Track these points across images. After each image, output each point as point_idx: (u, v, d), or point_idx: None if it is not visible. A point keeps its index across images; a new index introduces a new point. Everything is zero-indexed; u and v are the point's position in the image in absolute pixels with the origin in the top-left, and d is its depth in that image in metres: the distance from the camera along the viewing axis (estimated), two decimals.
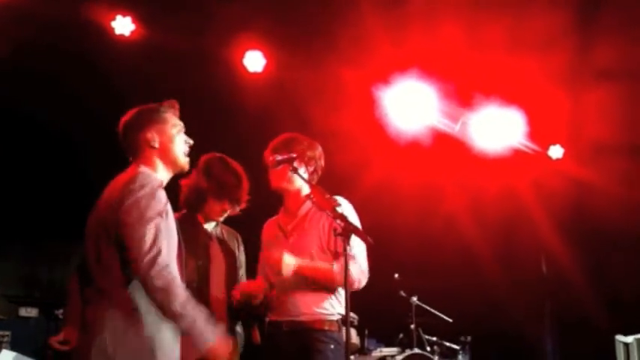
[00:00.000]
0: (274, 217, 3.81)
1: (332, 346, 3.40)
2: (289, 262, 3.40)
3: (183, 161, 3.00)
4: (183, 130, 3.04)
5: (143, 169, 2.88)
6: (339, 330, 3.48)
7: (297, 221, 3.63)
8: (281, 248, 3.48)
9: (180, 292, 2.67)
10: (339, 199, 3.52)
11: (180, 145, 3.00)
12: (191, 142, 3.05)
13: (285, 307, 3.51)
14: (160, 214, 2.75)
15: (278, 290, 3.54)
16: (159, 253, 2.67)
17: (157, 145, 2.93)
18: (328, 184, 3.72)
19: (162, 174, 2.95)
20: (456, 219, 7.23)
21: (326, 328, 3.45)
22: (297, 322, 3.47)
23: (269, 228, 3.81)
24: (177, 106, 3.07)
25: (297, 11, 5.95)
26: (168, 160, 2.95)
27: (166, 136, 2.95)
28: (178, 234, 2.94)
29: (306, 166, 3.61)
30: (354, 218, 3.51)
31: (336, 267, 3.37)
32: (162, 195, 2.81)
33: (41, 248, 6.49)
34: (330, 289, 3.49)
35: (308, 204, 3.59)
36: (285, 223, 3.68)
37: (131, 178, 2.81)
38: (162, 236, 2.73)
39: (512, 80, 6.49)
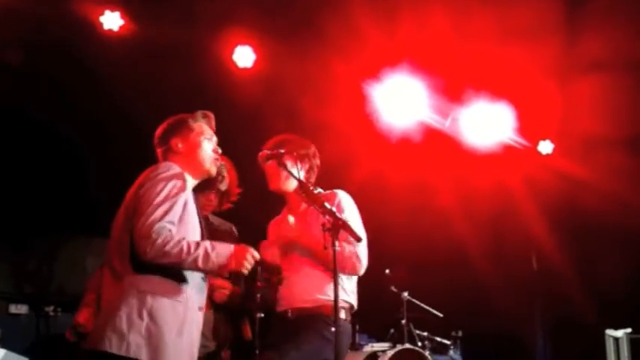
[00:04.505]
0: (277, 217, 3.84)
1: (333, 329, 3.37)
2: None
3: (207, 166, 3.14)
4: (213, 138, 3.19)
5: (166, 162, 3.05)
6: (345, 318, 3.55)
7: (298, 217, 3.65)
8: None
9: (175, 248, 2.79)
10: (338, 192, 3.60)
11: (206, 151, 3.14)
12: (219, 150, 3.20)
13: (291, 295, 3.57)
14: (175, 194, 2.89)
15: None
16: (163, 215, 2.81)
17: (181, 150, 3.10)
18: (319, 179, 3.73)
19: (187, 179, 3.07)
20: (446, 215, 7.23)
21: (331, 314, 3.41)
22: (302, 308, 3.53)
23: (273, 227, 3.86)
24: (210, 115, 3.24)
25: (287, 6, 5.94)
26: (192, 165, 3.10)
27: (190, 142, 3.12)
28: (201, 224, 3.07)
29: (300, 163, 3.63)
30: (351, 211, 3.56)
31: (338, 248, 3.22)
32: (180, 181, 2.95)
33: (31, 244, 6.45)
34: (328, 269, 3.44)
35: None
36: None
37: (153, 167, 3.00)
38: (175, 210, 2.86)
39: (502, 75, 6.50)
